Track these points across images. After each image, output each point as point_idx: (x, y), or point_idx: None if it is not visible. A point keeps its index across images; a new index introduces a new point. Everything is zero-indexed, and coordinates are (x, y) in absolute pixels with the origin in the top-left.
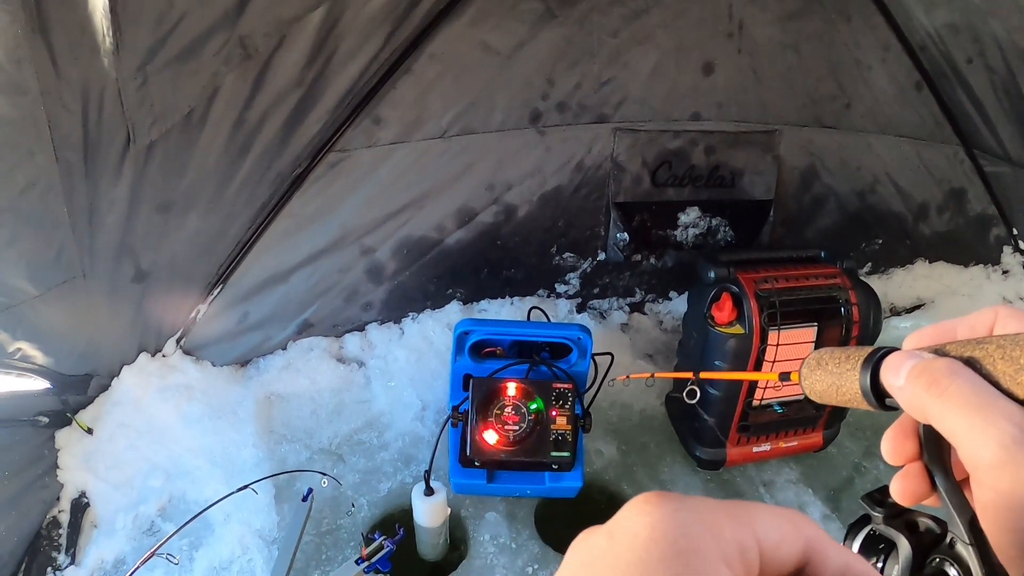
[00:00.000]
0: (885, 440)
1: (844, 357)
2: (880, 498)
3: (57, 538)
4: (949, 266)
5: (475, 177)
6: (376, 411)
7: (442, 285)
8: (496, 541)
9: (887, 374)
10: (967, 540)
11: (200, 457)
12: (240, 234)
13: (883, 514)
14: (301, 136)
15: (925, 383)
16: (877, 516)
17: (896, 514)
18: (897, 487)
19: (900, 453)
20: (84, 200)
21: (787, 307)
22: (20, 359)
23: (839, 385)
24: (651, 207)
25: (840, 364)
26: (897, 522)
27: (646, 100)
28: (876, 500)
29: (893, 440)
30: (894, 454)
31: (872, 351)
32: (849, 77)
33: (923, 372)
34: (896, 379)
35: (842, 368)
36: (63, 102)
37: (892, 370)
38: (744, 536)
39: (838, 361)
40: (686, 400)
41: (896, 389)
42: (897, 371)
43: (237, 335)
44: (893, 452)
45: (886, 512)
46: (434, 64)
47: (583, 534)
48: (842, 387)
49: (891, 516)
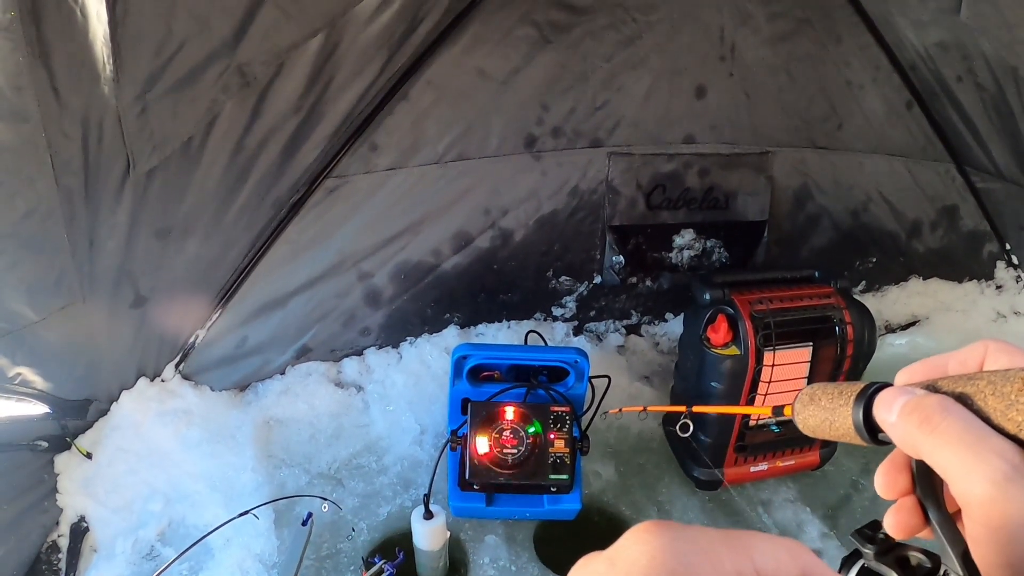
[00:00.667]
0: (878, 475)
1: (837, 393)
2: (871, 534)
3: (56, 563)
4: (943, 282)
5: (471, 202)
6: (375, 435)
7: (439, 309)
8: (496, 564)
9: (880, 410)
10: (960, 573)
11: (199, 481)
12: (238, 260)
13: (874, 550)
14: (299, 163)
15: (917, 420)
16: (868, 553)
17: (887, 549)
18: (891, 521)
19: (893, 487)
20: (84, 226)
21: (782, 328)
22: (20, 384)
23: (832, 420)
24: (646, 230)
25: (833, 399)
26: (888, 558)
27: (640, 124)
28: (866, 536)
29: (886, 475)
30: (887, 488)
31: (864, 387)
32: (840, 97)
33: (915, 409)
34: (888, 415)
35: (835, 403)
36: (64, 129)
37: (884, 406)
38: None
39: (831, 396)
40: (679, 434)
41: (889, 425)
42: (889, 407)
43: (236, 360)
44: (886, 486)
45: (877, 548)
46: (430, 91)
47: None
48: (835, 422)
49: (882, 552)
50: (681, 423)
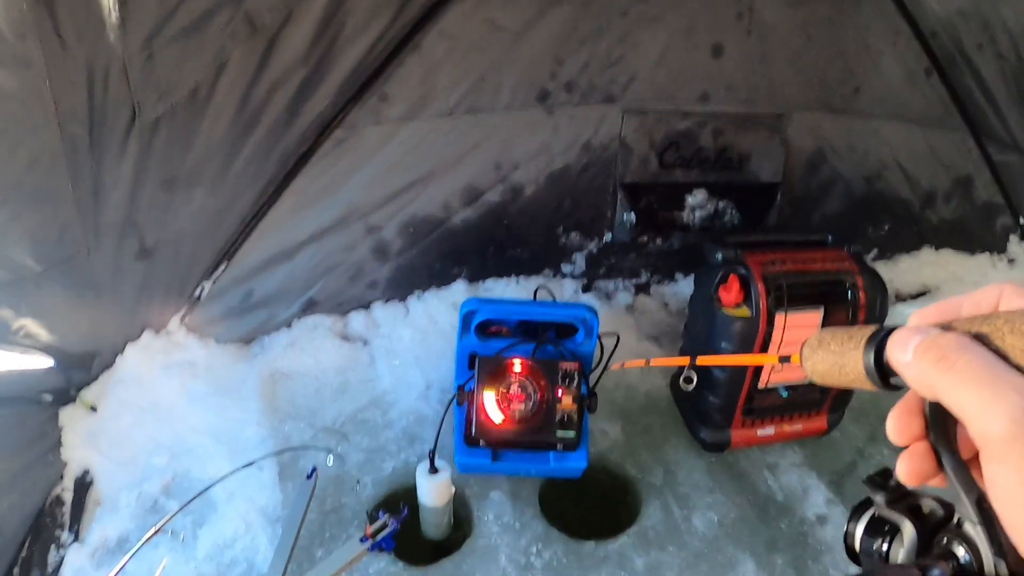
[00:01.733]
0: (890, 419)
1: (847, 337)
2: (882, 481)
3: (60, 516)
4: (955, 253)
5: (482, 156)
6: (380, 390)
7: (448, 264)
8: (500, 520)
9: (894, 350)
10: (975, 520)
11: (204, 435)
12: (245, 211)
13: (886, 497)
14: (307, 113)
15: (933, 358)
16: (879, 500)
17: (899, 497)
18: (903, 467)
19: (906, 432)
20: (89, 176)
21: (794, 290)
22: (24, 337)
23: (842, 365)
24: (658, 188)
25: (843, 344)
26: (900, 505)
27: (655, 81)
28: (878, 484)
29: (898, 419)
30: (899, 434)
31: (876, 330)
32: (859, 62)
33: (931, 347)
34: (903, 355)
35: (845, 348)
36: (68, 77)
37: (899, 346)
38: None
39: (840, 341)
40: (683, 387)
41: (903, 365)
42: (904, 346)
43: (241, 313)
44: (898, 432)
45: (888, 496)
46: (442, 41)
47: None
48: (845, 367)
49: (893, 499)
50: (684, 376)
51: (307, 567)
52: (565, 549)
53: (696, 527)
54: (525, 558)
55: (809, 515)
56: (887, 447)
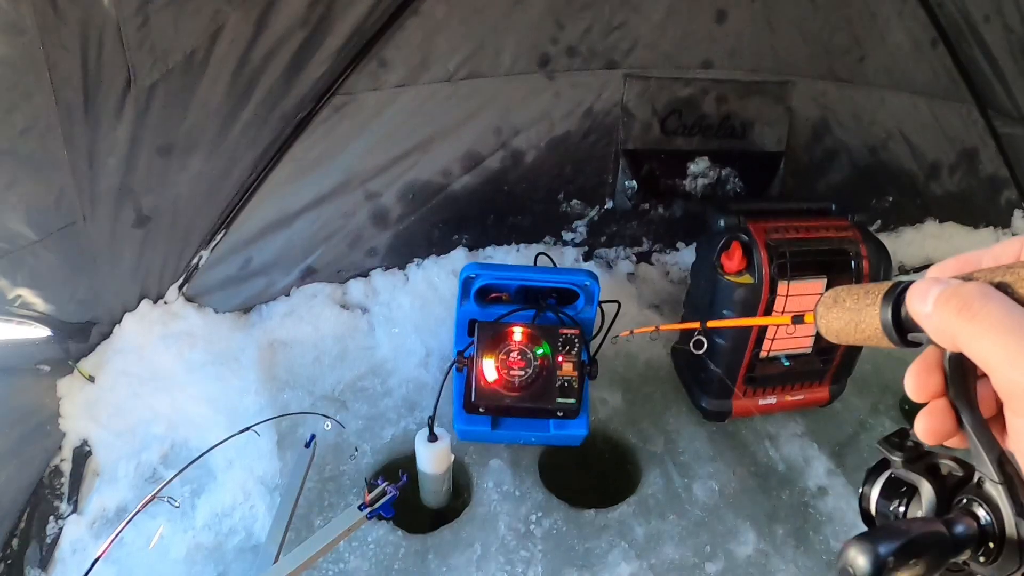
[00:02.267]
0: (909, 375)
1: (863, 292)
2: (899, 441)
3: (59, 487)
4: (959, 227)
5: (482, 122)
6: (380, 358)
7: (447, 231)
8: (500, 488)
9: (913, 301)
10: (996, 479)
11: (202, 404)
12: (243, 178)
13: (902, 458)
14: (305, 78)
15: (955, 307)
16: (896, 460)
17: (916, 457)
18: (922, 425)
19: (924, 389)
20: (84, 142)
21: (797, 258)
22: (20, 307)
23: (858, 321)
24: (660, 156)
25: (859, 300)
26: (918, 466)
27: (657, 46)
28: (895, 444)
29: (917, 375)
30: (918, 390)
31: (893, 284)
32: (865, 30)
33: (953, 296)
34: (923, 306)
35: (861, 304)
36: (62, 42)
37: (919, 296)
38: None
39: (856, 297)
40: (693, 351)
41: (923, 316)
42: (924, 297)
43: (240, 281)
44: (917, 388)
45: (905, 456)
46: (442, 5)
47: None
48: (861, 323)
49: (911, 460)
50: (695, 339)
51: (306, 535)
52: (565, 517)
53: (697, 496)
54: (525, 526)
55: (810, 486)
56: (889, 419)
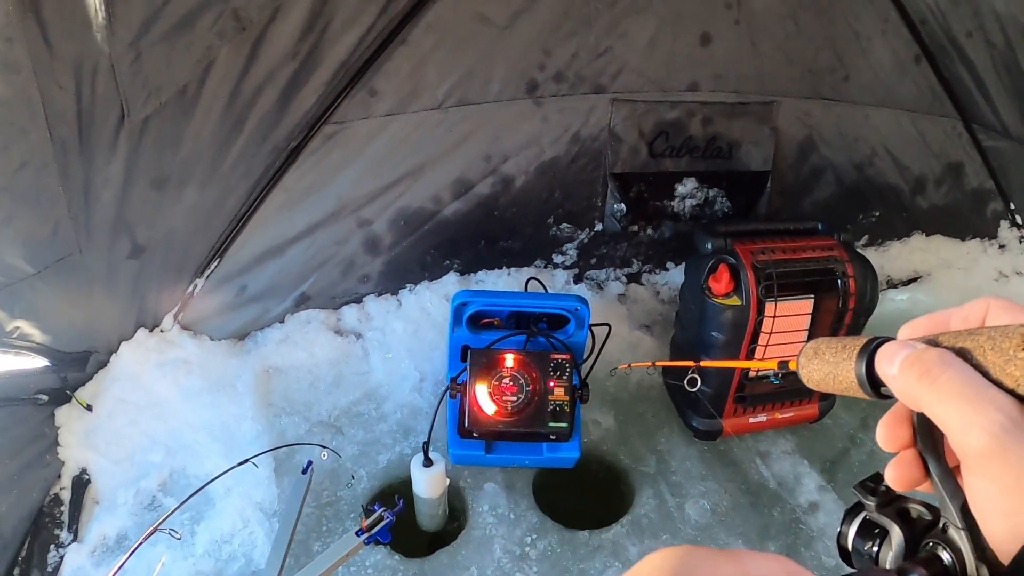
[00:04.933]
0: (880, 427)
1: (840, 347)
2: (872, 486)
3: (59, 515)
4: (946, 239)
5: (472, 148)
6: (374, 383)
7: (439, 256)
8: (495, 512)
9: (881, 363)
10: (959, 525)
11: (200, 431)
12: (236, 208)
13: (875, 502)
14: (296, 108)
15: (917, 373)
16: (870, 505)
17: (888, 501)
18: (892, 473)
19: (894, 440)
20: (79, 177)
21: (784, 279)
22: (18, 338)
23: (836, 374)
24: (648, 178)
25: (836, 354)
26: (889, 510)
27: (643, 70)
28: (868, 489)
29: (888, 428)
30: (889, 441)
31: (868, 341)
32: (848, 49)
33: (916, 362)
34: (890, 368)
35: (838, 357)
36: (56, 79)
37: (886, 359)
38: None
39: (835, 351)
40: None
41: (890, 378)
42: (891, 360)
43: (235, 309)
44: (888, 439)
45: (878, 500)
46: (430, 35)
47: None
48: (839, 376)
49: (883, 504)
50: (689, 377)
51: (304, 561)
52: (560, 539)
53: (689, 515)
54: (520, 548)
55: (801, 502)
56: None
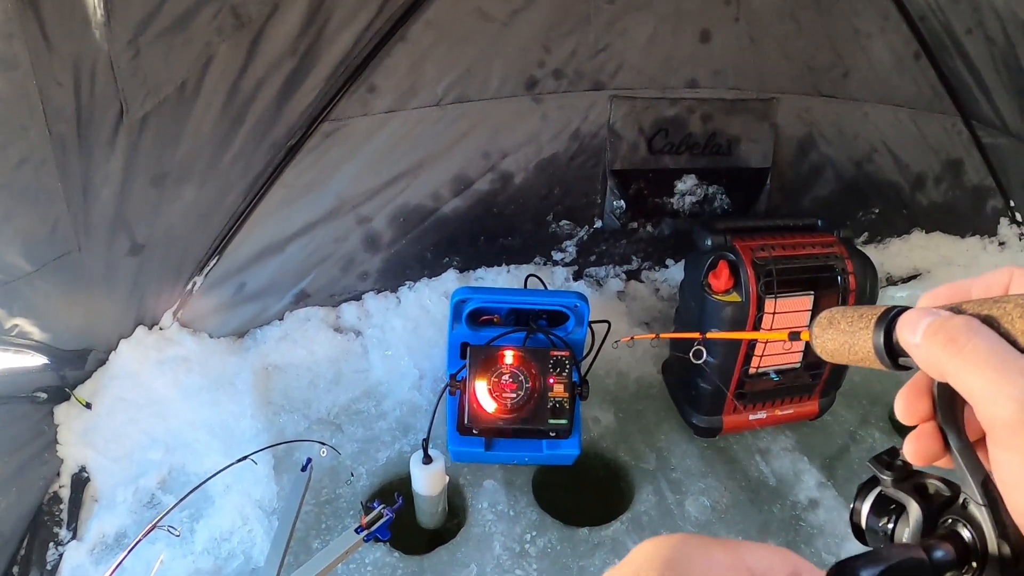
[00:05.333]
0: (899, 399)
1: (857, 316)
2: (888, 460)
3: (58, 513)
4: (945, 236)
5: (471, 145)
6: (374, 380)
7: (438, 253)
8: (494, 509)
9: (903, 331)
10: (980, 501)
11: (199, 429)
12: (235, 205)
13: (892, 477)
14: (295, 105)
15: (943, 340)
16: (886, 479)
17: (905, 476)
18: (910, 447)
19: (914, 412)
20: (78, 174)
21: (784, 275)
22: (17, 335)
23: (852, 344)
24: (648, 175)
25: (853, 323)
26: (906, 485)
27: (643, 67)
28: (884, 463)
29: (907, 399)
30: (908, 413)
31: (886, 310)
32: (847, 46)
33: (940, 329)
34: (912, 336)
35: (855, 327)
36: (55, 76)
37: (909, 327)
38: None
39: (851, 320)
40: (693, 360)
41: (912, 346)
42: (914, 328)
43: (234, 306)
44: (907, 411)
45: (895, 475)
46: (429, 32)
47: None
48: (855, 346)
49: (900, 479)
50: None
51: (304, 558)
52: (559, 536)
53: (689, 512)
54: (520, 545)
55: (801, 499)
56: (879, 432)
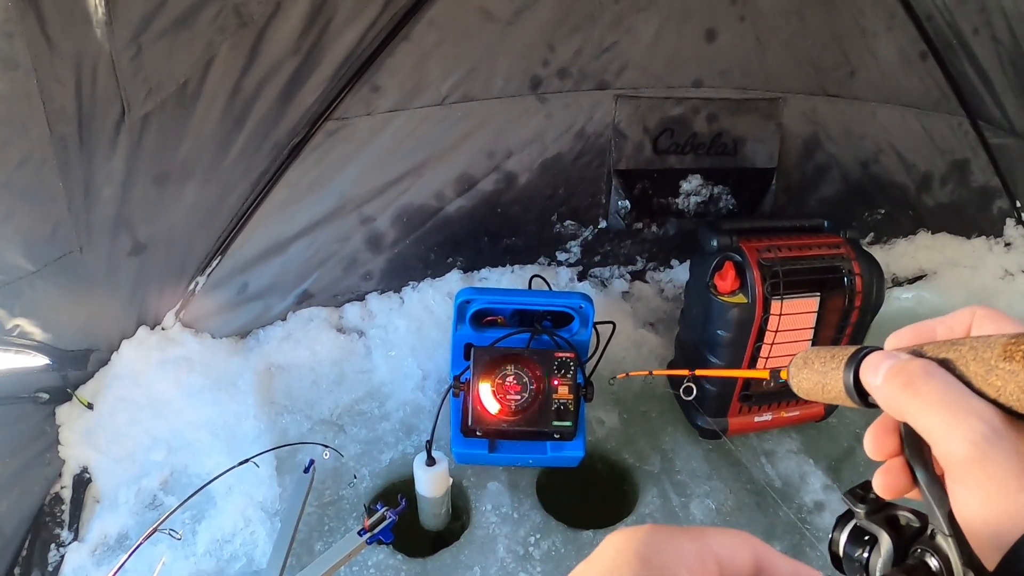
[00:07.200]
0: (867, 437)
1: (829, 356)
2: (862, 494)
3: (60, 514)
4: (951, 237)
5: (475, 145)
6: (377, 381)
7: (442, 254)
8: (498, 511)
9: (866, 373)
10: (946, 532)
11: (201, 430)
12: (238, 205)
13: (865, 509)
14: (298, 105)
15: (901, 383)
16: (859, 512)
17: (877, 509)
18: (880, 481)
19: (882, 449)
20: (79, 174)
21: (790, 276)
22: (19, 336)
23: (824, 383)
24: (653, 175)
25: (825, 363)
26: (878, 517)
27: (648, 66)
28: (858, 496)
29: (875, 437)
30: (876, 450)
31: (855, 351)
32: (854, 45)
33: (899, 372)
34: (874, 378)
35: (827, 367)
36: (56, 75)
37: (871, 370)
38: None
39: (823, 360)
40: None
41: (874, 388)
42: (875, 371)
43: (236, 306)
44: (875, 448)
45: (868, 508)
46: (433, 30)
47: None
48: (827, 385)
49: (873, 511)
50: (684, 387)
51: (306, 561)
52: (563, 538)
53: (694, 514)
54: (523, 548)
55: (807, 501)
56: None
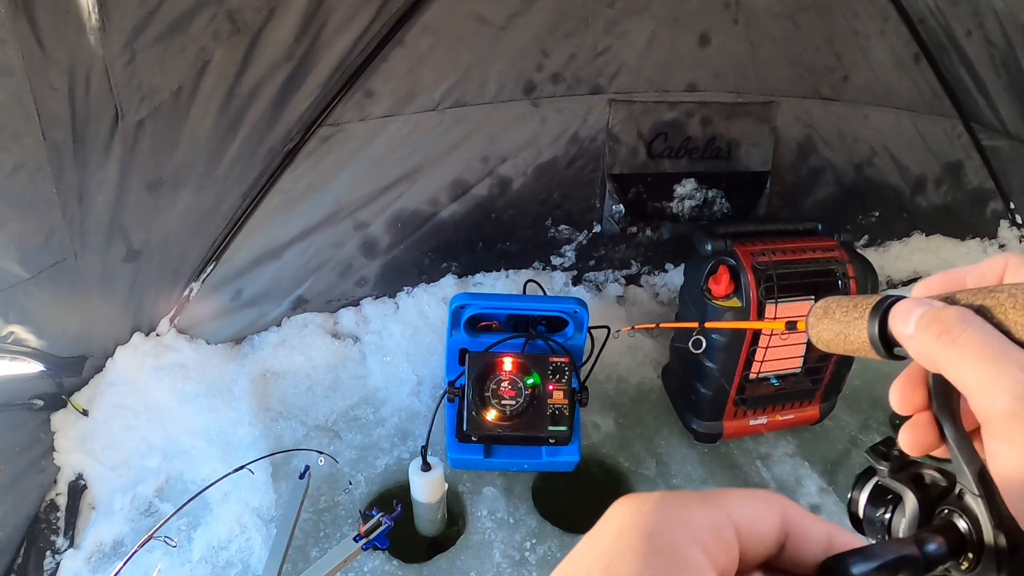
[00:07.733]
0: (893, 389)
1: (852, 305)
2: (885, 451)
3: (55, 521)
4: (946, 239)
5: (469, 150)
6: (372, 387)
7: (437, 259)
8: (494, 516)
9: (896, 322)
10: (976, 491)
11: (196, 436)
12: (232, 211)
13: (888, 467)
14: (292, 110)
15: (936, 331)
16: (882, 469)
17: (902, 467)
18: (906, 437)
19: (909, 403)
20: (73, 180)
21: (784, 280)
22: (13, 343)
23: (847, 334)
24: (647, 179)
25: (848, 312)
26: (903, 475)
27: (642, 71)
28: (881, 453)
29: (902, 389)
30: (903, 403)
31: (880, 299)
32: (847, 48)
33: (933, 320)
34: (905, 327)
35: (850, 316)
36: (49, 82)
37: (901, 318)
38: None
39: (846, 310)
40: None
41: (905, 338)
42: (906, 319)
43: (231, 312)
44: (902, 401)
45: (891, 465)
46: (427, 36)
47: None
48: (850, 335)
49: (896, 469)
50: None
51: (302, 567)
52: (560, 543)
53: None
54: (519, 553)
55: (803, 504)
56: (879, 435)
